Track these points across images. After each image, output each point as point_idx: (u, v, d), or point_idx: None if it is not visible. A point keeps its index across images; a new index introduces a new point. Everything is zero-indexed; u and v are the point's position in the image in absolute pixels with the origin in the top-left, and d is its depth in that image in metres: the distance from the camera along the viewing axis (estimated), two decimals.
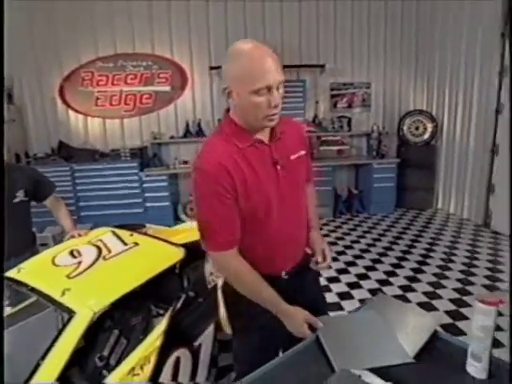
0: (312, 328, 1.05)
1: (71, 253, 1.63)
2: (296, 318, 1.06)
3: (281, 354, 1.10)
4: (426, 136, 4.92)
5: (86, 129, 4.85)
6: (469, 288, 2.84)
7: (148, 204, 4.61)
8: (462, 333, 2.23)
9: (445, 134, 4.89)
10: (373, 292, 2.84)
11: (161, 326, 1.46)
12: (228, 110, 1.08)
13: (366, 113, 5.25)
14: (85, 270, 1.47)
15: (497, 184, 4.03)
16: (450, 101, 4.76)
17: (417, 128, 4.95)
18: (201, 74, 4.86)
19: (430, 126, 4.90)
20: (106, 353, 1.58)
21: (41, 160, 4.48)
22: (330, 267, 1.17)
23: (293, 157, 1.13)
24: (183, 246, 1.72)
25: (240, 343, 1.24)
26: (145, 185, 4.58)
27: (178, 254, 1.63)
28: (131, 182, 4.56)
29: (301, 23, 4.89)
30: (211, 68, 4.79)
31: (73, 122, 4.81)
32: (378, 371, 0.88)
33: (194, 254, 1.74)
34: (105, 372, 1.35)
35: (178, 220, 4.68)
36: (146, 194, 4.60)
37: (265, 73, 0.94)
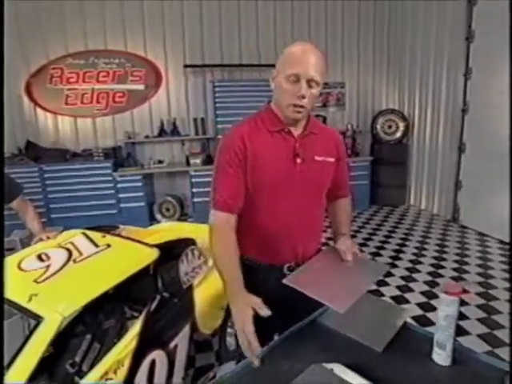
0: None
1: (39, 256, 1.56)
2: (242, 311, 0.97)
3: (276, 337, 1.10)
4: (398, 134, 5.07)
5: (56, 128, 4.67)
6: (438, 280, 2.96)
7: (122, 205, 4.50)
8: (432, 323, 2.31)
9: (416, 133, 5.06)
10: None
11: (135, 328, 1.43)
12: (269, 102, 1.18)
13: (341, 112, 5.36)
14: (53, 274, 1.42)
15: (464, 180, 4.22)
16: (420, 101, 4.93)
17: (389, 127, 5.08)
18: (175, 72, 4.78)
19: (401, 125, 5.05)
20: (77, 359, 1.54)
21: (7, 160, 4.27)
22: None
23: (318, 158, 1.17)
24: (157, 246, 1.69)
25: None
26: (119, 185, 4.46)
27: (152, 255, 1.60)
28: (105, 183, 4.43)
29: (276, 23, 4.91)
30: (186, 66, 4.73)
31: (41, 120, 4.62)
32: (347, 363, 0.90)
33: (168, 254, 1.72)
34: (77, 379, 1.30)
35: (153, 220, 4.59)
36: (121, 195, 4.48)
37: (299, 62, 1.03)
